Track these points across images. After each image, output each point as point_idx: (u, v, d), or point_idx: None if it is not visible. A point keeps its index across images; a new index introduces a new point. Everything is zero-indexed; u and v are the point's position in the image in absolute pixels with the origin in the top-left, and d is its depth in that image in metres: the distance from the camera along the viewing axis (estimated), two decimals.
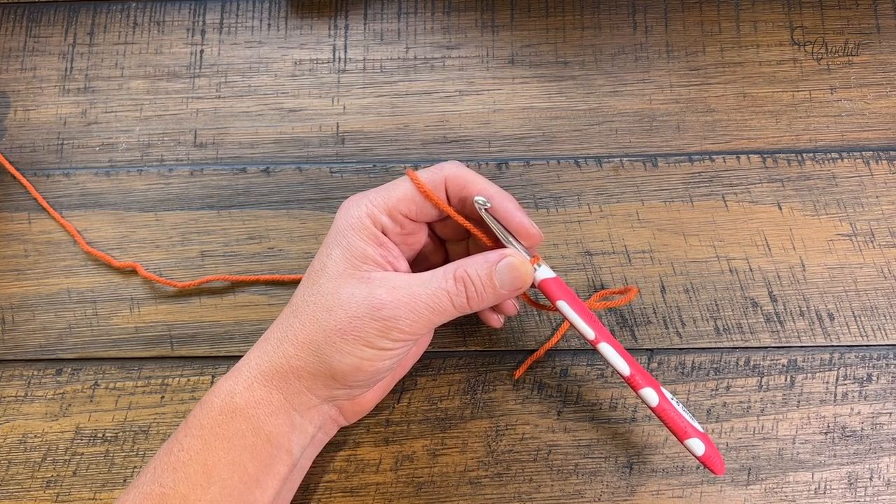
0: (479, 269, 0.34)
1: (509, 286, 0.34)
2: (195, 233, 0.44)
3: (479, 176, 0.35)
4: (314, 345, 0.33)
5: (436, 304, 0.33)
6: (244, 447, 0.33)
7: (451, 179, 0.35)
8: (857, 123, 0.44)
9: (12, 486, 0.40)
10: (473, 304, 0.34)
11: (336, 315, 0.33)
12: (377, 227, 0.35)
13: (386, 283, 0.33)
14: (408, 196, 0.35)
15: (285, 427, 0.34)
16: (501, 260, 0.34)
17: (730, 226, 0.43)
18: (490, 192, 0.35)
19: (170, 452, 0.33)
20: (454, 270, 0.34)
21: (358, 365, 0.33)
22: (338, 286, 0.34)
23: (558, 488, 0.39)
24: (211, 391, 0.34)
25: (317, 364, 0.33)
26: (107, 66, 0.47)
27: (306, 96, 0.46)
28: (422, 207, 0.35)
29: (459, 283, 0.34)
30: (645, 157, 0.44)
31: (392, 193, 0.35)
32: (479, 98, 0.46)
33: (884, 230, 0.42)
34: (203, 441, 0.33)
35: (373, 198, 0.35)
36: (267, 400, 0.34)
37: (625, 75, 0.46)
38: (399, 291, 0.33)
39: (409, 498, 0.39)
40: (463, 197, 0.35)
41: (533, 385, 0.41)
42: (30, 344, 0.42)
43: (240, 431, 0.33)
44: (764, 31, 0.46)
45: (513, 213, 0.35)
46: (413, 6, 0.47)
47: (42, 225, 0.44)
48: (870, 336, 0.41)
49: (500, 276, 0.34)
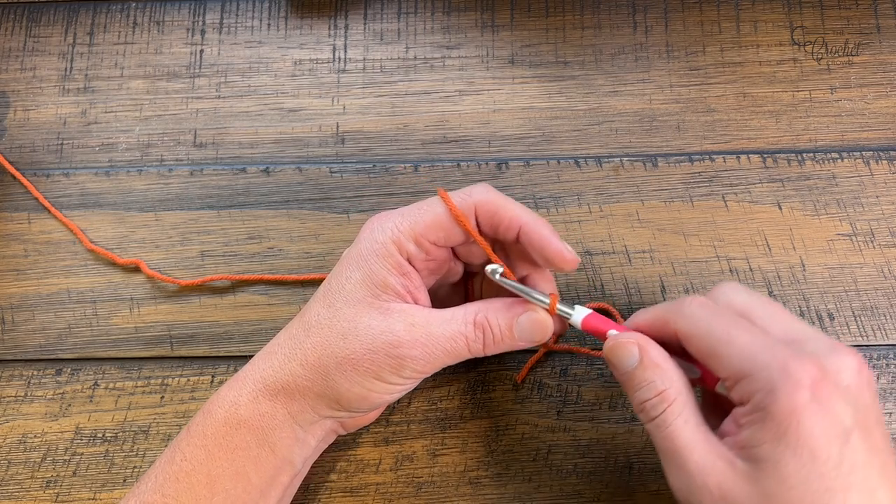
0: (500, 319, 0.33)
1: (528, 339, 0.34)
2: (195, 233, 0.44)
3: (509, 200, 0.34)
4: (324, 369, 0.33)
5: (452, 347, 0.33)
6: (248, 458, 0.33)
7: (482, 206, 0.33)
8: (857, 123, 0.44)
9: (12, 486, 0.40)
10: (489, 350, 0.34)
11: (350, 344, 0.32)
12: (402, 254, 0.33)
13: (405, 318, 0.33)
14: (437, 223, 0.33)
15: (289, 440, 0.34)
16: (525, 313, 0.33)
17: (730, 226, 0.43)
18: (523, 218, 0.33)
19: (171, 461, 0.33)
20: (475, 315, 0.33)
21: (365, 396, 0.33)
22: (355, 313, 0.33)
23: (558, 488, 0.39)
24: (213, 399, 0.34)
25: (323, 387, 0.33)
26: (107, 66, 0.47)
27: (306, 96, 0.46)
28: (450, 234, 0.34)
29: (479, 329, 0.33)
30: (645, 157, 0.44)
31: (421, 219, 0.33)
32: (478, 98, 0.46)
33: (884, 230, 0.42)
34: (206, 451, 0.33)
35: (399, 222, 0.33)
36: (271, 414, 0.33)
37: (625, 75, 0.46)
38: (417, 330, 0.32)
39: (409, 498, 0.39)
40: (494, 224, 0.34)
41: (532, 385, 0.41)
42: (29, 344, 0.42)
43: (244, 443, 0.33)
44: (764, 31, 0.46)
45: (549, 239, 0.33)
46: (413, 6, 0.47)
47: (42, 225, 0.44)
48: (870, 336, 0.41)
49: (520, 328, 0.33)
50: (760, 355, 0.29)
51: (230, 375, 0.41)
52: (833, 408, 0.28)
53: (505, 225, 0.33)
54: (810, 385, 0.27)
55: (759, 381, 0.28)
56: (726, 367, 0.29)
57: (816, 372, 0.28)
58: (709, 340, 0.30)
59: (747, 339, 0.29)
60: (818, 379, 0.28)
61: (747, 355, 0.29)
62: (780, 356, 0.28)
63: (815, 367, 0.28)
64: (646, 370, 0.31)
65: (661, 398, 0.30)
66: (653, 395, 0.30)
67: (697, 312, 0.31)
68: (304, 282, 0.42)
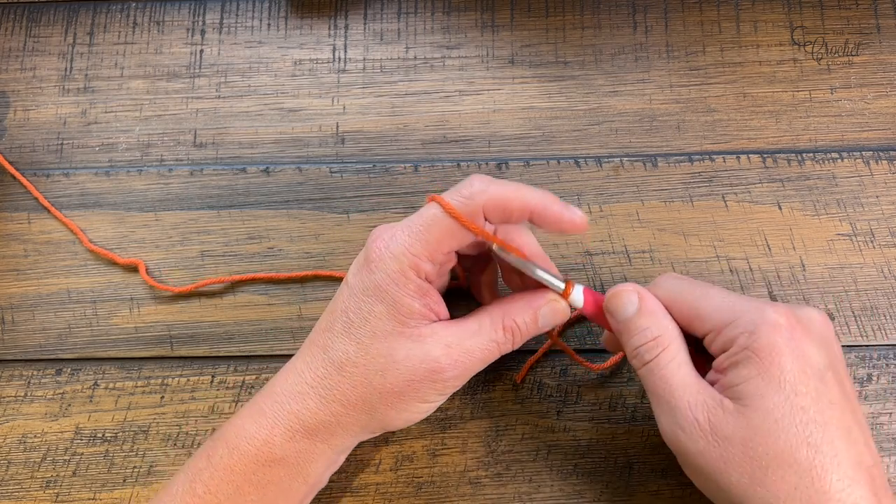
0: (525, 317, 0.34)
1: (550, 325, 0.35)
2: (195, 233, 0.44)
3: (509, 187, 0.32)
4: (368, 405, 0.33)
5: (486, 356, 0.34)
6: (279, 491, 0.33)
7: (489, 205, 0.32)
8: (857, 123, 0.44)
9: (12, 486, 0.40)
10: (516, 346, 0.35)
11: (392, 379, 0.33)
12: (421, 276, 0.33)
13: (439, 340, 0.33)
14: (448, 234, 0.32)
15: (323, 468, 0.35)
16: (545, 305, 0.34)
17: (730, 226, 0.43)
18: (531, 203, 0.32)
19: (192, 492, 0.33)
20: (502, 320, 0.34)
21: (410, 419, 0.34)
22: (390, 348, 0.33)
23: (558, 488, 0.39)
24: (234, 432, 0.34)
25: (368, 420, 0.34)
26: (106, 66, 0.47)
27: (306, 96, 0.46)
28: (462, 240, 0.33)
29: (508, 332, 0.34)
30: (645, 157, 0.44)
31: (432, 236, 0.32)
32: (478, 98, 0.46)
33: (884, 230, 0.42)
34: (235, 486, 0.33)
35: (410, 244, 0.32)
36: (310, 450, 0.33)
37: (625, 75, 0.46)
38: (454, 351, 0.33)
39: (409, 498, 0.39)
40: (505, 217, 0.33)
41: (532, 385, 0.41)
42: (29, 344, 0.42)
43: (276, 478, 0.33)
44: (764, 31, 0.46)
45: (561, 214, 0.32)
46: (413, 6, 0.47)
47: (42, 225, 0.44)
48: (870, 336, 0.41)
49: (543, 318, 0.35)
50: (739, 304, 0.32)
51: (230, 375, 0.41)
52: (808, 349, 0.30)
53: (517, 215, 0.33)
54: (787, 327, 0.30)
55: (741, 325, 0.31)
56: (707, 321, 0.32)
57: (791, 317, 0.31)
58: (690, 300, 0.33)
59: (724, 294, 0.33)
60: (793, 324, 0.31)
61: (727, 306, 0.32)
62: (757, 304, 0.31)
63: (789, 314, 0.31)
64: (643, 317, 0.33)
65: (656, 343, 0.33)
66: (648, 340, 0.33)
67: (674, 282, 0.34)
68: (304, 282, 0.42)
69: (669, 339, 0.33)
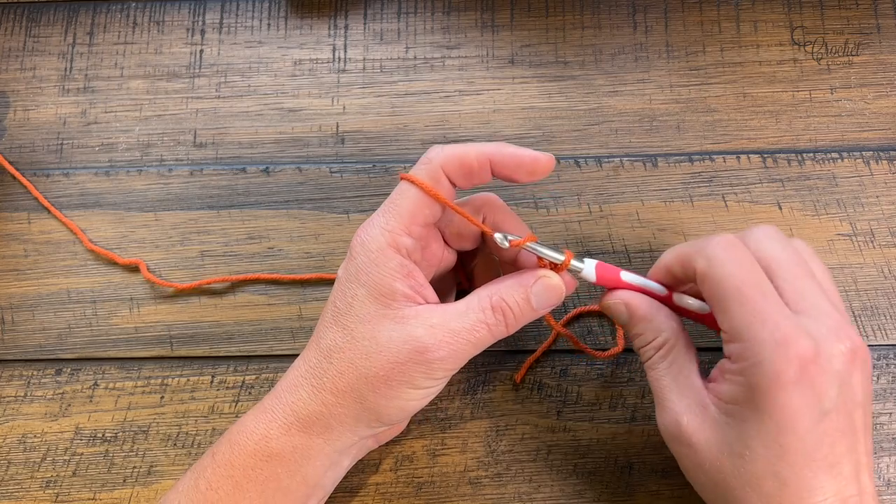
0: (515, 295, 0.33)
1: (546, 304, 0.34)
2: (195, 233, 0.44)
3: (463, 145, 0.33)
4: (356, 392, 0.33)
5: (475, 337, 0.33)
6: (278, 489, 0.33)
7: (448, 165, 0.33)
8: (857, 123, 0.44)
9: (12, 487, 0.40)
10: (511, 328, 0.34)
11: (376, 361, 0.32)
12: (402, 253, 0.33)
13: (423, 321, 0.32)
14: (418, 204, 0.33)
15: (322, 468, 0.34)
16: (536, 281, 0.33)
17: (730, 226, 0.43)
18: (487, 151, 0.33)
19: (196, 488, 0.33)
20: (489, 298, 0.33)
21: (403, 406, 0.33)
22: (373, 330, 0.32)
23: (558, 488, 0.39)
24: (238, 430, 0.34)
25: (360, 410, 0.33)
26: (106, 66, 0.47)
27: (306, 96, 0.46)
28: (434, 207, 0.33)
29: (497, 312, 0.33)
30: (645, 157, 0.44)
31: (402, 208, 0.33)
32: (478, 98, 0.46)
33: (884, 230, 0.42)
34: (234, 482, 0.33)
35: (384, 222, 0.33)
36: (306, 445, 0.33)
37: (625, 75, 0.46)
38: (438, 331, 0.32)
39: (409, 498, 0.39)
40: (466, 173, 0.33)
41: (533, 385, 0.41)
42: (29, 344, 0.42)
43: (274, 475, 0.33)
44: (764, 31, 0.46)
45: (520, 155, 0.33)
46: (413, 6, 0.47)
47: (42, 225, 0.44)
48: (870, 336, 0.41)
49: (537, 297, 0.33)
50: (760, 326, 0.29)
51: (230, 375, 0.41)
52: (815, 389, 0.29)
53: (478, 168, 0.33)
54: (799, 365, 0.28)
55: (750, 351, 0.29)
56: (725, 323, 0.30)
57: (809, 353, 0.29)
58: (719, 290, 0.30)
59: (753, 304, 0.30)
60: (809, 360, 0.28)
61: (748, 322, 0.29)
62: (779, 332, 0.29)
63: (809, 349, 0.29)
64: (636, 324, 0.34)
65: (651, 346, 0.33)
66: (644, 344, 0.34)
67: (720, 255, 0.31)
68: (304, 282, 0.42)
69: (663, 340, 0.33)
